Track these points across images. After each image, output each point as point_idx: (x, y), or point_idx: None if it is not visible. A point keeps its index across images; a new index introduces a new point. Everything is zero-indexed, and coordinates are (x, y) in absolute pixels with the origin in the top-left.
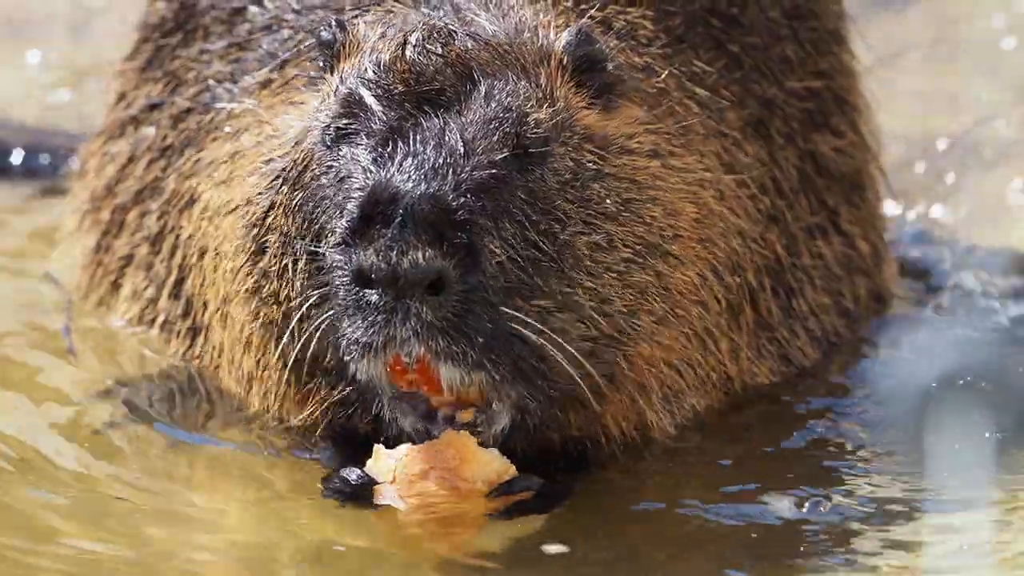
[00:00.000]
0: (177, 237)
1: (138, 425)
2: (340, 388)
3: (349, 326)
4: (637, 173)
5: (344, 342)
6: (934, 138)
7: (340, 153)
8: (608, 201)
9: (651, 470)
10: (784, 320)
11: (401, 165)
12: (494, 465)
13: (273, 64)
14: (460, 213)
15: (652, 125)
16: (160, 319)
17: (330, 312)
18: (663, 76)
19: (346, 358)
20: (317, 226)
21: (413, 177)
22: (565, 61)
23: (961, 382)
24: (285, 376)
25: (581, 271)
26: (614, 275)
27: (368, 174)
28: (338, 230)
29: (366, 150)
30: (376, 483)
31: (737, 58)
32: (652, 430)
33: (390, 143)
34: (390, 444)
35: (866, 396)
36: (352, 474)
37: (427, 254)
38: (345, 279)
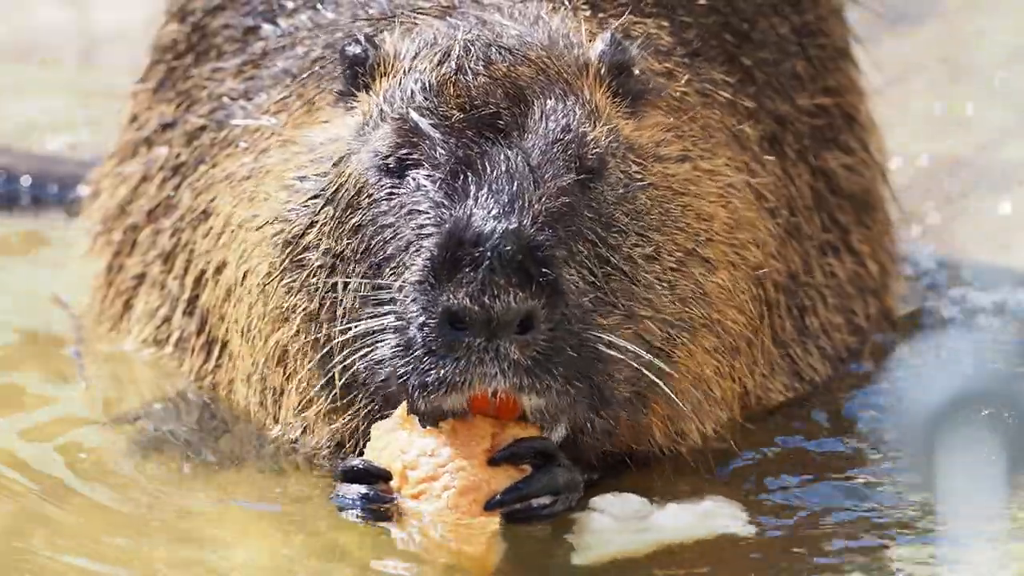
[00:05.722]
0: (191, 253)
1: (150, 451)
2: (378, 403)
3: (434, 365)
4: (670, 180)
5: (430, 380)
6: (942, 159)
7: (403, 182)
8: (653, 211)
9: (667, 482)
10: (797, 337)
11: (477, 200)
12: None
13: (293, 83)
14: (543, 249)
15: (678, 130)
16: (174, 337)
17: (401, 343)
18: (683, 82)
19: (431, 394)
20: (382, 254)
21: (493, 214)
22: (602, 70)
23: (970, 400)
24: (321, 391)
25: (640, 283)
26: (663, 285)
27: (442, 210)
28: (415, 268)
29: (434, 182)
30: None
31: (750, 72)
32: (687, 438)
33: (459, 175)
34: None
35: (876, 413)
36: (354, 460)
37: (518, 296)
38: (432, 320)
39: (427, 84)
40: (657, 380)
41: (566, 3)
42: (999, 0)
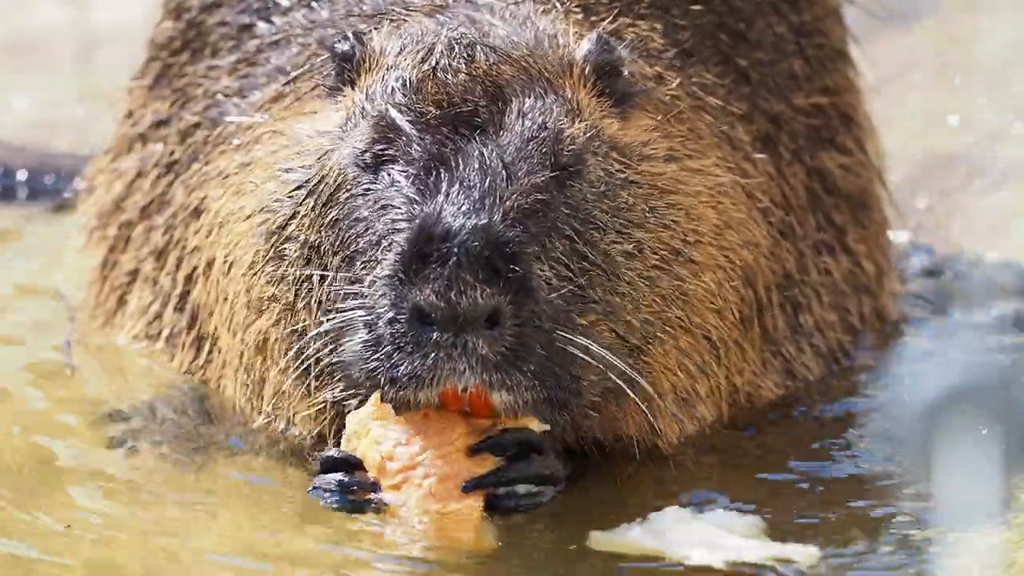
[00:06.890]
0: (183, 249)
1: (137, 446)
2: (351, 395)
3: (404, 361)
4: (657, 179)
5: (400, 375)
6: (939, 156)
7: (378, 178)
8: (637, 208)
9: (649, 478)
10: (790, 335)
11: (448, 196)
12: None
13: (285, 80)
14: (511, 245)
15: (665, 130)
16: (165, 333)
17: (371, 337)
18: (674, 85)
19: (401, 390)
20: (353, 248)
21: (463, 210)
22: (587, 70)
23: (966, 398)
24: (297, 381)
25: (619, 280)
26: (644, 282)
27: (414, 206)
28: (386, 263)
29: (407, 178)
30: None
31: (745, 73)
32: (662, 436)
33: (432, 171)
34: None
35: (871, 413)
36: (331, 451)
37: (485, 292)
38: (400, 316)
39: (406, 81)
40: (625, 387)
41: (558, 5)
42: None
